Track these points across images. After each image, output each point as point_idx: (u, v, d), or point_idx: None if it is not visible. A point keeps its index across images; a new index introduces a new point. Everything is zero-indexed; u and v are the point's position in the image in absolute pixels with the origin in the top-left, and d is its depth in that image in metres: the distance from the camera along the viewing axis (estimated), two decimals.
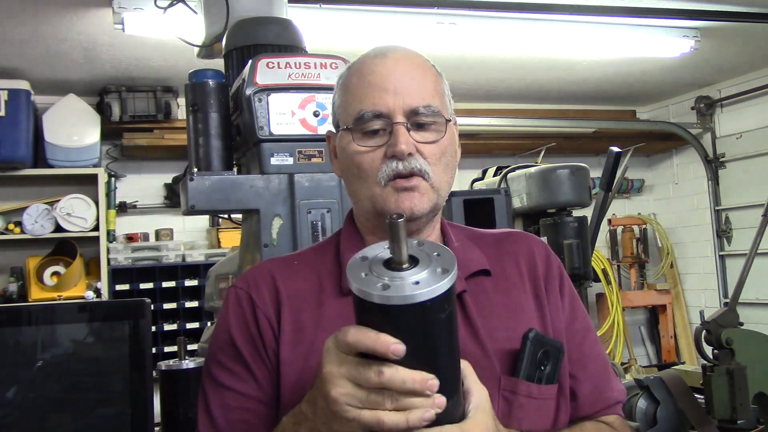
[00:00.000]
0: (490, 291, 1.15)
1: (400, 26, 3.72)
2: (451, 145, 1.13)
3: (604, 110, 6.08)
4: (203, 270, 4.62)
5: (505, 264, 1.19)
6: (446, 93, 1.15)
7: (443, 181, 1.12)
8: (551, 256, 1.24)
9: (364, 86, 1.10)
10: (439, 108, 1.10)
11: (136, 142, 4.70)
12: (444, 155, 1.11)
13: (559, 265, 1.24)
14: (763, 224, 2.62)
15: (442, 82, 1.16)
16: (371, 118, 1.08)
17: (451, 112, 1.15)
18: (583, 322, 1.22)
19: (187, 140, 1.69)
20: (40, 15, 3.47)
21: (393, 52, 1.13)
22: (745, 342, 2.29)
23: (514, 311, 1.14)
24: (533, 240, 1.26)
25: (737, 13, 3.96)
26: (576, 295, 1.24)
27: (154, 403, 1.37)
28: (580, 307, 1.23)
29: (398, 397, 0.81)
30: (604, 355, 1.23)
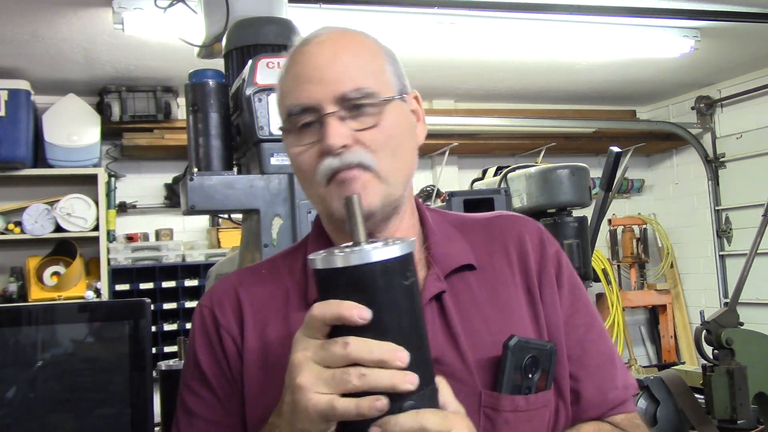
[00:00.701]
0: (474, 288, 1.03)
1: (400, 26, 3.72)
2: (398, 126, 0.99)
3: (604, 110, 6.08)
4: (203, 270, 4.63)
5: (494, 254, 1.07)
6: (388, 69, 1.02)
7: (394, 168, 0.99)
8: (546, 240, 1.10)
9: (290, 79, 1.01)
10: (374, 88, 0.97)
11: (136, 142, 4.70)
12: (390, 139, 0.98)
13: (557, 252, 1.10)
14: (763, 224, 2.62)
15: (383, 58, 1.02)
16: (300, 113, 0.98)
17: (400, 89, 1.02)
18: (585, 314, 1.09)
19: (187, 140, 1.69)
20: (40, 15, 3.47)
21: (317, 36, 1.02)
22: (745, 342, 2.29)
23: (503, 310, 1.03)
24: (525, 223, 1.12)
25: (737, 13, 3.95)
26: (577, 284, 1.11)
27: (154, 403, 1.37)
28: (582, 298, 1.10)
29: (366, 372, 0.75)
30: (610, 349, 1.10)
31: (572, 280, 1.10)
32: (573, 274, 1.11)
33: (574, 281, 1.11)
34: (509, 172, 3.11)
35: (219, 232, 4.95)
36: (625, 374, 1.10)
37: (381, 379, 0.75)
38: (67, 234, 4.51)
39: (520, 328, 1.02)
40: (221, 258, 3.16)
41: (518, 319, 1.03)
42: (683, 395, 2.18)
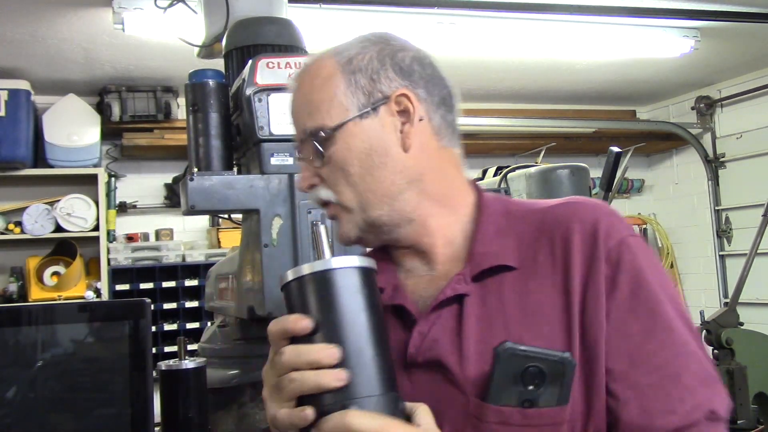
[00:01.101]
0: (506, 291, 0.96)
1: (400, 26, 3.72)
2: (350, 151, 0.97)
3: (604, 110, 6.08)
4: (203, 270, 4.62)
5: (540, 250, 0.97)
6: (341, 89, 0.98)
7: (358, 194, 0.98)
8: (602, 232, 0.94)
9: None
10: (316, 123, 0.98)
11: (136, 142, 4.70)
12: (342, 170, 0.97)
13: (618, 245, 0.93)
14: (763, 224, 2.62)
15: (337, 79, 0.98)
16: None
17: (361, 103, 0.98)
18: (647, 320, 0.92)
19: (187, 140, 1.69)
20: (40, 15, 3.47)
21: (296, 74, 1.05)
22: (745, 342, 2.30)
23: (531, 316, 0.94)
24: (581, 211, 0.98)
25: (737, 13, 3.96)
26: (645, 284, 0.93)
27: (154, 403, 1.37)
28: (649, 301, 0.92)
29: (296, 376, 0.80)
30: (678, 363, 0.91)
31: (636, 280, 0.93)
32: (640, 271, 0.93)
33: (641, 280, 0.93)
34: (509, 172, 3.11)
35: (219, 232, 4.95)
36: (699, 393, 0.90)
37: (308, 380, 0.79)
38: (67, 234, 4.51)
39: (545, 337, 0.92)
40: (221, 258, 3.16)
41: (547, 326, 0.93)
42: None
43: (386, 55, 1.00)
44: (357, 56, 0.99)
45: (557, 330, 0.93)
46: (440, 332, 0.96)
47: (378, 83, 0.98)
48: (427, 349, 0.96)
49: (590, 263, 0.93)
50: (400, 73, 0.99)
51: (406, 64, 1.00)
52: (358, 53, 1.00)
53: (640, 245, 0.95)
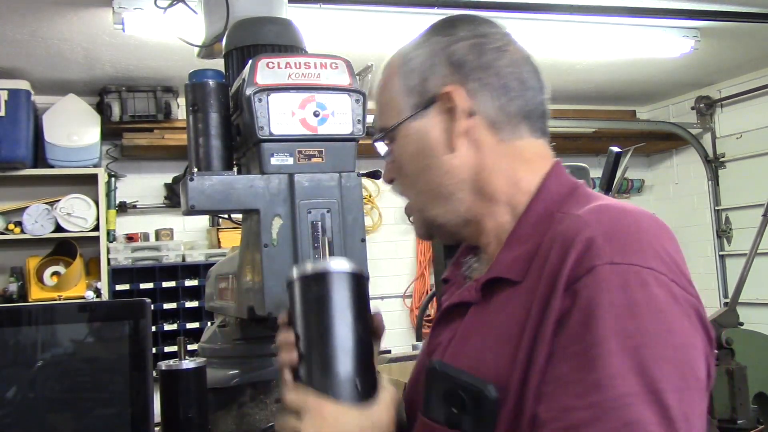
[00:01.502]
0: (496, 304, 0.89)
1: (400, 26, 3.72)
2: (405, 153, 0.98)
3: (604, 110, 6.08)
4: (203, 270, 4.63)
5: (536, 262, 0.85)
6: (398, 90, 0.98)
7: (415, 193, 1.00)
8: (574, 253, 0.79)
9: None
10: (384, 123, 1.01)
11: (136, 142, 4.70)
12: (401, 169, 1.01)
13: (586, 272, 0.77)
14: (763, 224, 2.62)
15: (395, 79, 0.99)
16: None
17: (414, 103, 0.96)
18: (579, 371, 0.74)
19: (187, 140, 1.69)
20: (40, 15, 3.47)
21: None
22: (745, 342, 2.30)
23: (499, 332, 0.85)
24: (575, 223, 0.83)
25: (737, 13, 3.96)
26: (594, 327, 0.75)
27: (154, 403, 1.37)
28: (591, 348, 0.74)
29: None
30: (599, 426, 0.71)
31: (586, 320, 0.75)
32: (596, 310, 0.75)
33: (590, 322, 0.75)
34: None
35: (219, 232, 4.95)
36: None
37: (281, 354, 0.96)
38: (67, 234, 4.51)
39: (490, 364, 0.84)
40: (221, 258, 3.16)
41: (500, 346, 0.84)
42: None
43: (440, 48, 0.96)
44: (413, 53, 0.98)
45: (506, 354, 0.82)
46: (445, 338, 0.95)
47: (428, 81, 0.96)
48: (431, 354, 0.97)
49: (551, 290, 0.80)
50: (450, 68, 0.95)
51: (459, 57, 0.95)
52: (414, 50, 0.99)
53: (612, 278, 0.76)
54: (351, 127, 1.56)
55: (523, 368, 0.80)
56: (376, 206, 5.50)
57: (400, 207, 5.68)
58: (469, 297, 0.92)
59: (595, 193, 0.95)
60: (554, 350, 0.77)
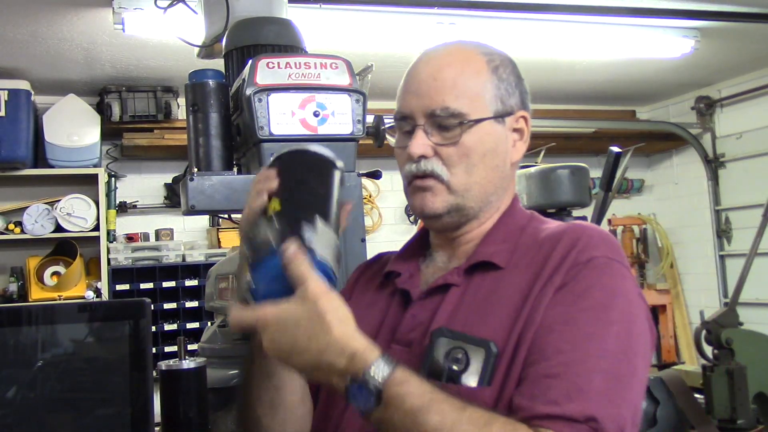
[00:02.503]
0: (485, 286, 1.08)
1: (400, 26, 3.72)
2: (480, 146, 1.11)
3: (604, 110, 6.08)
4: (203, 270, 4.63)
5: (526, 256, 1.09)
6: (489, 90, 1.12)
7: (467, 183, 1.11)
8: (576, 249, 1.04)
9: (401, 89, 1.17)
10: (463, 109, 1.09)
11: (136, 142, 4.70)
12: (467, 156, 1.10)
13: (587, 263, 1.02)
14: (763, 224, 2.62)
15: (487, 79, 1.13)
16: (401, 119, 1.15)
17: (498, 109, 1.12)
18: (572, 325, 0.98)
19: (187, 140, 1.69)
20: (40, 15, 3.47)
21: (430, 52, 1.16)
22: (745, 342, 2.30)
23: (491, 307, 1.05)
24: (573, 231, 1.08)
25: (737, 13, 3.95)
26: (589, 297, 1.00)
27: (154, 403, 1.37)
28: (583, 312, 0.99)
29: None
30: (587, 368, 0.95)
31: (583, 292, 1.00)
32: (591, 287, 1.01)
33: (586, 294, 1.00)
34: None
35: (219, 232, 4.95)
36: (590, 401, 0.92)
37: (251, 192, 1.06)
38: (67, 234, 4.51)
39: (492, 326, 1.03)
40: (221, 258, 3.16)
41: (497, 317, 1.03)
42: (683, 395, 2.18)
43: (518, 76, 1.18)
44: (502, 66, 1.16)
45: (504, 321, 1.02)
46: (425, 316, 1.10)
47: (511, 97, 1.15)
48: (410, 330, 1.11)
49: (555, 271, 1.03)
50: (521, 96, 1.17)
51: (526, 92, 1.19)
52: (503, 63, 1.16)
53: (608, 267, 1.03)
54: (351, 127, 1.56)
55: (520, 329, 1.00)
56: (376, 206, 5.50)
57: (400, 207, 5.68)
58: (452, 280, 1.11)
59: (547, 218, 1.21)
60: (549, 311, 1.00)
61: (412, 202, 1.16)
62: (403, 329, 1.12)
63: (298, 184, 1.04)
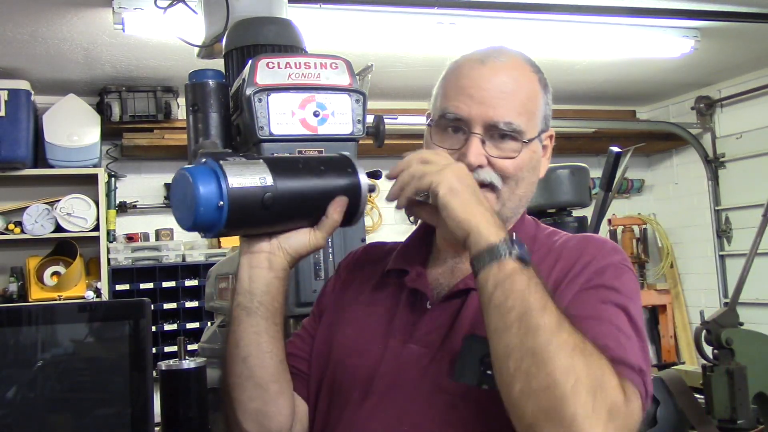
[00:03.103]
0: None
1: (400, 26, 3.72)
2: (528, 162, 1.15)
3: (604, 110, 6.07)
4: (203, 270, 4.62)
5: (543, 265, 1.11)
6: (541, 110, 1.17)
7: (513, 195, 1.15)
8: (599, 258, 1.10)
9: (456, 87, 1.15)
10: (522, 127, 1.12)
11: (136, 142, 4.70)
12: (518, 172, 1.14)
13: (604, 268, 1.09)
14: (763, 224, 2.62)
15: (541, 99, 1.17)
16: (452, 120, 1.14)
17: (542, 128, 1.17)
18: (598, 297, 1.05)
19: (187, 140, 1.69)
20: (40, 15, 3.47)
21: (494, 60, 1.17)
22: (745, 342, 2.29)
23: None
24: (591, 244, 1.14)
25: (737, 13, 3.95)
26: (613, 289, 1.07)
27: (154, 403, 1.37)
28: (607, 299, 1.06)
29: None
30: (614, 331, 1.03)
31: (606, 286, 1.07)
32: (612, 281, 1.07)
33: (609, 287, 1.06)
34: None
35: None
36: (629, 352, 1.01)
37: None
38: (67, 234, 4.51)
39: None
40: (221, 258, 3.16)
41: None
42: (683, 395, 2.18)
43: (549, 98, 1.21)
44: (547, 85, 1.21)
45: None
46: (445, 319, 1.11)
47: (546, 119, 1.20)
48: (430, 332, 1.11)
49: (579, 274, 1.08)
50: (549, 115, 1.21)
51: (550, 113, 1.22)
52: (546, 81, 1.21)
53: (626, 271, 1.11)
54: (351, 127, 1.56)
55: None
56: (376, 206, 5.50)
57: None
58: (473, 284, 1.08)
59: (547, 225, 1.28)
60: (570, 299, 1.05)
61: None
62: (422, 330, 1.12)
63: None
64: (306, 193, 1.07)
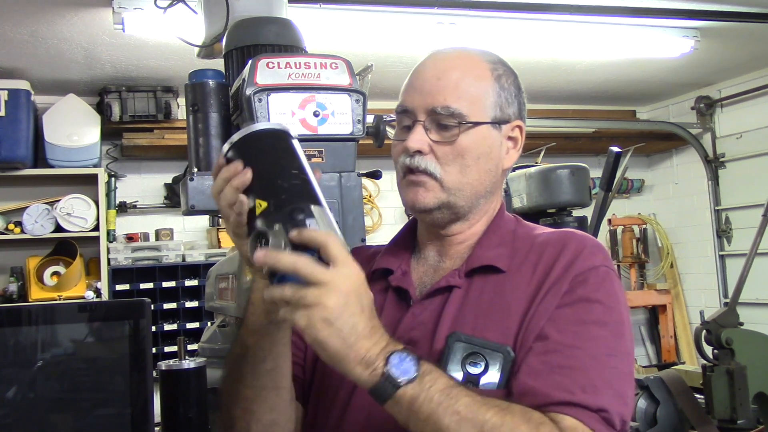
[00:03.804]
0: (488, 289, 1.12)
1: (400, 26, 3.72)
2: (475, 148, 1.14)
3: (604, 110, 6.07)
4: (203, 270, 4.63)
5: (526, 262, 1.13)
6: (490, 96, 1.16)
7: (461, 182, 1.14)
8: (580, 259, 1.10)
9: (406, 84, 1.20)
10: (463, 111, 1.12)
11: (136, 142, 4.70)
12: (461, 157, 1.13)
13: (588, 272, 1.09)
14: (763, 224, 2.62)
15: (489, 85, 1.16)
16: (401, 113, 1.18)
17: (496, 116, 1.16)
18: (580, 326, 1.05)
19: (187, 140, 1.69)
20: (40, 15, 3.47)
21: (438, 53, 1.19)
22: (745, 342, 2.30)
23: (499, 313, 1.09)
24: (571, 240, 1.14)
25: (737, 13, 3.95)
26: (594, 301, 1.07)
27: (154, 403, 1.37)
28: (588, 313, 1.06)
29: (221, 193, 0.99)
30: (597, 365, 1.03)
31: (588, 297, 1.07)
32: (596, 291, 1.08)
33: (591, 298, 1.07)
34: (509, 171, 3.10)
35: (219, 232, 4.95)
36: (601, 394, 1.00)
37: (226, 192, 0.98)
38: (67, 234, 4.51)
39: (502, 331, 1.08)
40: (221, 258, 3.16)
41: (507, 321, 1.09)
42: (683, 395, 2.18)
43: (518, 87, 1.22)
44: (505, 75, 1.19)
45: (514, 325, 1.08)
46: (427, 317, 1.13)
47: (509, 107, 1.19)
48: (411, 329, 1.13)
49: (560, 278, 1.09)
50: (519, 107, 1.21)
51: (524, 103, 1.23)
52: (505, 72, 1.20)
53: (609, 275, 1.11)
54: (351, 127, 1.56)
55: (524, 331, 1.06)
56: (375, 206, 5.50)
57: (400, 207, 5.67)
58: (454, 282, 1.14)
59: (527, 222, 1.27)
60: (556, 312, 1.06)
61: (405, 196, 1.18)
62: (403, 328, 1.14)
63: (270, 171, 0.97)
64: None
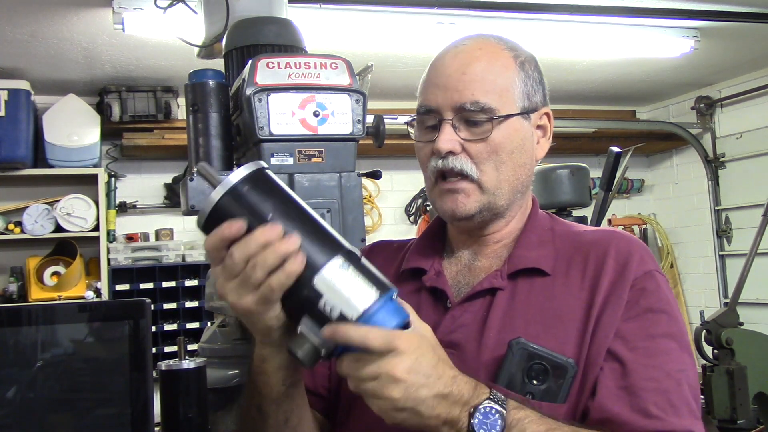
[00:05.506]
0: (535, 292, 1.07)
1: (400, 26, 3.72)
2: (508, 142, 1.08)
3: (604, 110, 6.08)
4: (203, 270, 4.63)
5: (573, 264, 1.08)
6: (517, 86, 1.10)
7: (497, 180, 1.08)
8: (632, 263, 1.05)
9: (425, 81, 1.14)
10: (493, 104, 1.07)
11: (136, 142, 4.70)
12: (496, 153, 1.08)
13: (644, 277, 1.04)
14: (763, 224, 2.63)
15: (515, 74, 1.10)
16: (424, 113, 1.12)
17: (525, 105, 1.10)
18: (650, 341, 1.01)
19: (187, 140, 1.69)
20: (40, 15, 3.47)
21: (457, 46, 1.13)
22: (745, 342, 2.30)
23: (551, 318, 1.04)
24: (618, 241, 1.09)
25: (737, 13, 3.95)
26: (659, 312, 1.03)
27: (154, 403, 1.37)
28: (658, 326, 1.02)
29: (255, 262, 0.84)
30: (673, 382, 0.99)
31: (651, 308, 1.03)
32: (657, 302, 1.04)
33: (655, 309, 1.03)
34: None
35: None
36: (682, 414, 0.97)
37: (267, 257, 0.83)
38: (67, 234, 4.51)
39: (559, 339, 1.02)
40: None
41: (563, 330, 1.03)
42: None
43: (540, 72, 1.15)
44: (527, 61, 1.14)
45: (571, 335, 1.02)
46: (469, 319, 1.08)
47: (536, 94, 1.13)
48: (452, 332, 1.07)
49: (616, 285, 1.03)
50: (543, 93, 1.15)
51: (546, 88, 1.17)
52: (527, 58, 1.14)
53: (663, 281, 1.06)
54: (351, 127, 1.56)
55: (590, 340, 1.01)
56: (375, 206, 5.50)
57: (400, 207, 5.68)
58: (498, 284, 1.08)
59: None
60: (624, 327, 1.01)
61: (441, 205, 1.11)
62: (443, 331, 1.07)
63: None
64: None
